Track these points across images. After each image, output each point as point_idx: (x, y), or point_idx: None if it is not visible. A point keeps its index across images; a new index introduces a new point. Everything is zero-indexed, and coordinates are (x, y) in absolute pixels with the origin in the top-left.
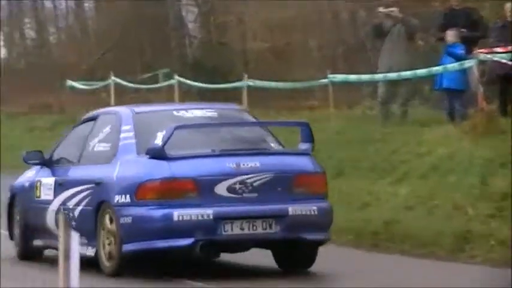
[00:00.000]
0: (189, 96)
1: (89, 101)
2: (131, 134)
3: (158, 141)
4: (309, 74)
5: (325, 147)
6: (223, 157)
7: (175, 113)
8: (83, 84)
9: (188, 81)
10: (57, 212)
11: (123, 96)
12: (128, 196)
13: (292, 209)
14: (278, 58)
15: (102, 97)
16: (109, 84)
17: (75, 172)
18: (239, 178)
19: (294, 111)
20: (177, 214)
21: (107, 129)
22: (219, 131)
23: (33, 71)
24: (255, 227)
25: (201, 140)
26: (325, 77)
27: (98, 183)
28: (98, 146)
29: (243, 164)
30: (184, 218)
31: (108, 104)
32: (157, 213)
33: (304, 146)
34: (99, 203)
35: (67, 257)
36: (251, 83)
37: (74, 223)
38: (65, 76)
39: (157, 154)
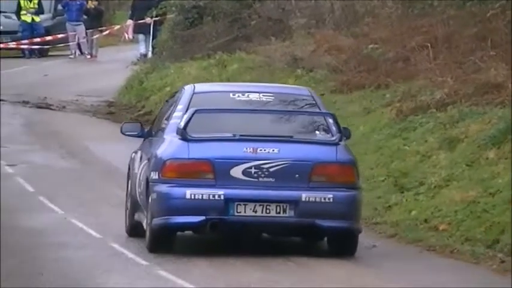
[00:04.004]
0: None
1: None
2: (181, 113)
3: (183, 122)
4: None
5: None
6: (241, 142)
7: (231, 95)
8: None
9: None
10: (139, 185)
11: None
12: (157, 173)
13: (306, 195)
14: None
15: None
16: None
17: (147, 146)
18: (255, 163)
19: None
20: (190, 193)
21: (173, 106)
22: (263, 116)
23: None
24: (268, 211)
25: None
26: None
27: (149, 159)
28: (163, 122)
29: (260, 150)
30: (196, 197)
31: None
32: (173, 191)
33: (333, 136)
34: (147, 178)
35: None
36: None
37: (141, 196)
38: None
39: (181, 135)
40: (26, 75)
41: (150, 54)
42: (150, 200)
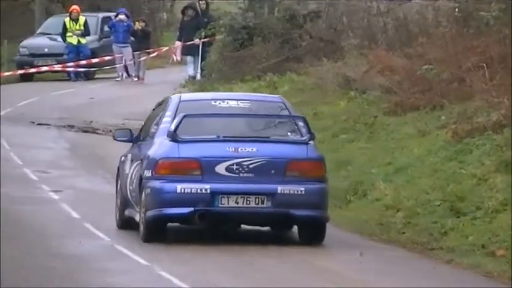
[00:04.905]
0: None
1: None
2: (169, 119)
3: (173, 126)
4: None
5: None
6: (224, 142)
7: (212, 102)
8: None
9: None
10: (130, 183)
11: None
12: (150, 171)
13: (281, 188)
14: None
15: None
16: None
17: (137, 149)
18: (236, 160)
19: None
20: (180, 187)
21: (161, 113)
22: (242, 119)
23: None
24: (248, 202)
25: (228, 126)
26: None
27: (142, 160)
28: (153, 127)
29: (241, 149)
30: (186, 190)
31: None
32: (165, 186)
33: (303, 137)
34: (140, 176)
35: None
36: None
37: (133, 194)
38: None
39: (172, 137)
40: (72, 98)
41: (198, 76)
42: (143, 195)
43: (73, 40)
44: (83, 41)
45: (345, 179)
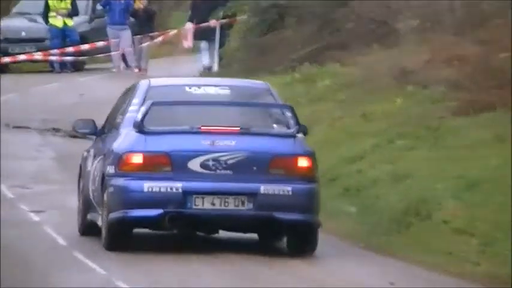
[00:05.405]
0: None
1: None
2: (136, 107)
3: (140, 115)
4: None
5: None
6: (199, 134)
7: (187, 88)
8: None
9: None
10: (92, 182)
11: None
12: (113, 167)
13: (265, 188)
14: None
15: None
16: None
17: (101, 142)
18: (212, 155)
19: None
20: (147, 186)
21: (127, 101)
22: (220, 108)
23: None
24: (226, 203)
25: (207, 116)
26: None
27: (104, 154)
28: (118, 117)
29: (218, 142)
30: (154, 189)
31: None
32: (131, 184)
33: (291, 129)
34: (102, 173)
35: None
36: None
37: (95, 194)
38: None
39: (138, 128)
40: (57, 94)
41: (215, 67)
42: (106, 195)
43: (58, 22)
44: (70, 22)
45: (404, 197)
